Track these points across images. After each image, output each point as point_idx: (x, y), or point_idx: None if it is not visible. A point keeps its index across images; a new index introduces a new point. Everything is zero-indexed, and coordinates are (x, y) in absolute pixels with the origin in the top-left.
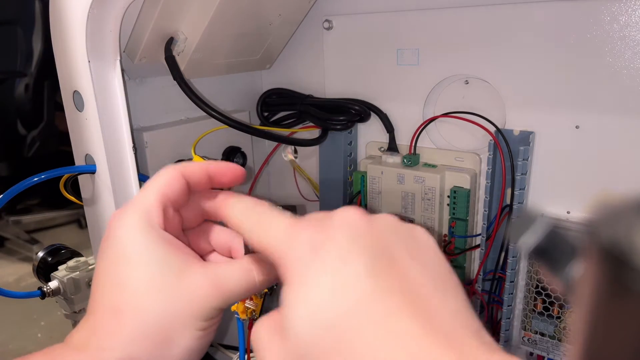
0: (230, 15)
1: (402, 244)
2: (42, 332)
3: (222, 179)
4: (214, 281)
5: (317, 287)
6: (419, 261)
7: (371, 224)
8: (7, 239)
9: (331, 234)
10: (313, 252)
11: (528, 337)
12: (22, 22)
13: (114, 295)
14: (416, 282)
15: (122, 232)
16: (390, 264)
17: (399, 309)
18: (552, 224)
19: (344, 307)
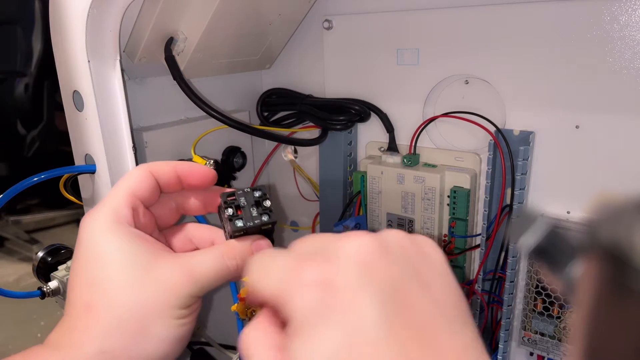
0: (230, 15)
1: (413, 270)
2: (42, 332)
3: (191, 180)
4: (185, 269)
5: (327, 339)
6: (430, 289)
7: (381, 252)
8: (6, 238)
9: (338, 273)
10: (320, 299)
11: (528, 337)
12: (22, 21)
13: (86, 293)
14: (426, 316)
15: (91, 232)
16: (402, 302)
17: (409, 353)
18: (552, 224)
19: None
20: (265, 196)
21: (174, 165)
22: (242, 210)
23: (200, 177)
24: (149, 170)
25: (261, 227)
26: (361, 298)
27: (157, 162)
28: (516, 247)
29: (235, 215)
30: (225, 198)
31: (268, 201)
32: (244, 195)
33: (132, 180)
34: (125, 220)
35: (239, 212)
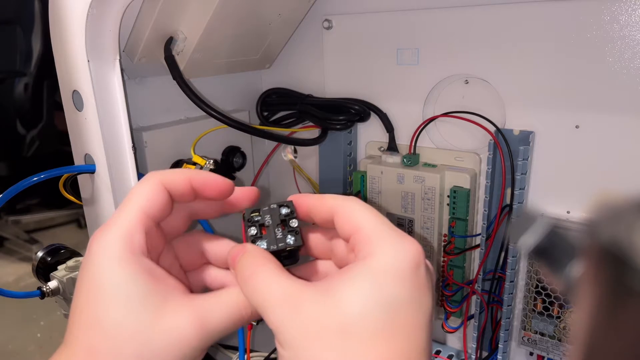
0: (229, 15)
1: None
2: (42, 332)
3: (208, 193)
4: (197, 319)
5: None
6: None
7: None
8: (6, 238)
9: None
10: (415, 270)
11: (528, 336)
12: (21, 21)
13: (90, 333)
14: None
15: (100, 260)
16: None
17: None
18: (552, 224)
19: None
20: (292, 214)
21: (188, 177)
22: (266, 230)
23: (217, 190)
24: (162, 183)
25: (286, 249)
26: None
27: (170, 172)
28: (516, 247)
29: (258, 235)
30: (249, 215)
31: (295, 220)
32: (270, 213)
33: (145, 198)
34: (139, 249)
35: (263, 231)
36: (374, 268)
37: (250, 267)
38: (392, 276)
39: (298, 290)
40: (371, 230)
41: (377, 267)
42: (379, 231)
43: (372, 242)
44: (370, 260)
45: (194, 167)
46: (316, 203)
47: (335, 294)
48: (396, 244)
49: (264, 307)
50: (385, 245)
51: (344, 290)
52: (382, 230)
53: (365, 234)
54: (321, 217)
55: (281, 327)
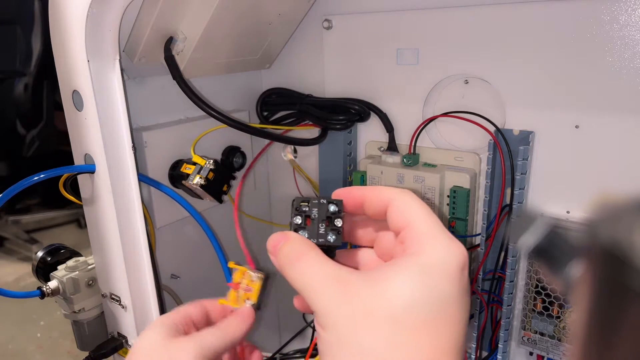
0: (229, 15)
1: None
2: (42, 332)
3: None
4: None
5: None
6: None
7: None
8: (6, 238)
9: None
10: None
11: (528, 336)
12: (21, 21)
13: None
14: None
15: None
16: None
17: None
18: (552, 224)
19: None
20: (339, 214)
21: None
22: (310, 222)
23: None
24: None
25: (324, 245)
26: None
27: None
28: (516, 246)
29: (302, 225)
30: (298, 204)
31: (340, 220)
32: (318, 207)
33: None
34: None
35: (308, 222)
36: (425, 264)
37: (296, 252)
38: (441, 273)
39: (347, 275)
40: (423, 228)
41: (428, 263)
42: (431, 229)
43: (424, 239)
44: (421, 256)
45: (194, 167)
46: (372, 194)
47: (386, 283)
48: (446, 245)
49: (311, 289)
50: (436, 244)
51: (395, 280)
52: (433, 228)
53: (418, 230)
54: (374, 209)
55: (328, 309)
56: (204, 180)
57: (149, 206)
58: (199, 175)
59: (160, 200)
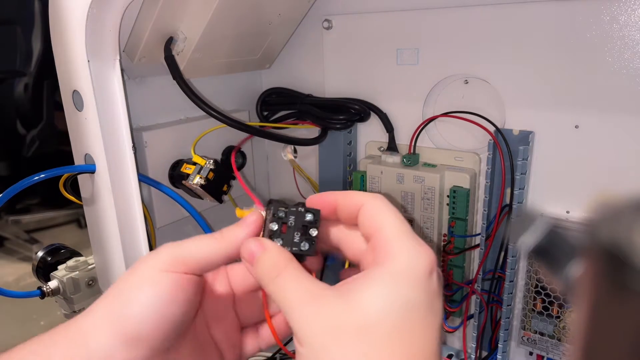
0: (229, 15)
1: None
2: (42, 332)
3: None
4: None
5: (420, 302)
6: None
7: (398, 306)
8: (6, 238)
9: (355, 321)
10: (429, 276)
11: (527, 336)
12: (21, 21)
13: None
14: None
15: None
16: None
17: None
18: (552, 224)
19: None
20: (315, 224)
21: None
22: (287, 229)
23: None
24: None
25: (297, 254)
26: (439, 296)
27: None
28: (516, 246)
29: (277, 232)
30: (276, 209)
31: (315, 230)
32: (295, 214)
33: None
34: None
35: (284, 228)
36: (392, 272)
37: (276, 267)
38: (408, 280)
39: (321, 291)
40: (391, 234)
41: (394, 271)
42: (399, 235)
43: (391, 245)
44: (388, 264)
45: (194, 167)
46: (343, 199)
47: (355, 296)
48: (413, 250)
49: (288, 307)
50: (403, 250)
51: (363, 292)
52: (401, 234)
53: (386, 237)
54: (346, 214)
55: (303, 326)
56: (204, 180)
57: (149, 206)
58: (199, 175)
59: (160, 200)
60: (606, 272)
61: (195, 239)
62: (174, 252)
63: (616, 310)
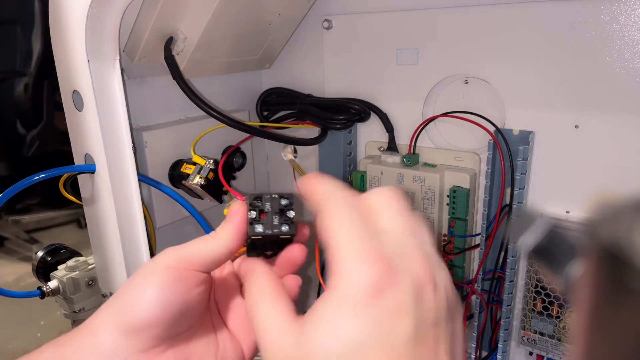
0: (229, 15)
1: (449, 316)
2: (42, 332)
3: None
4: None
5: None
6: (453, 341)
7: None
8: (6, 238)
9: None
10: (372, 294)
11: (527, 336)
12: (21, 21)
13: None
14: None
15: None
16: (429, 345)
17: None
18: (552, 224)
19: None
20: (291, 206)
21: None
22: (265, 215)
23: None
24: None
25: (279, 236)
26: (404, 320)
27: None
28: (516, 246)
29: (257, 219)
30: (252, 200)
31: (292, 212)
32: (270, 201)
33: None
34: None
35: (262, 216)
36: (334, 304)
37: (255, 296)
38: (349, 313)
39: (286, 326)
40: (337, 249)
41: (336, 302)
42: (344, 250)
43: (336, 264)
44: (331, 291)
45: (194, 167)
46: (310, 191)
47: (304, 336)
48: (354, 268)
49: (259, 338)
50: (345, 270)
51: (309, 334)
52: (346, 248)
53: (333, 251)
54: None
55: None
56: (204, 180)
57: (149, 206)
58: (199, 175)
59: (160, 200)
60: (606, 272)
61: (195, 240)
62: (176, 253)
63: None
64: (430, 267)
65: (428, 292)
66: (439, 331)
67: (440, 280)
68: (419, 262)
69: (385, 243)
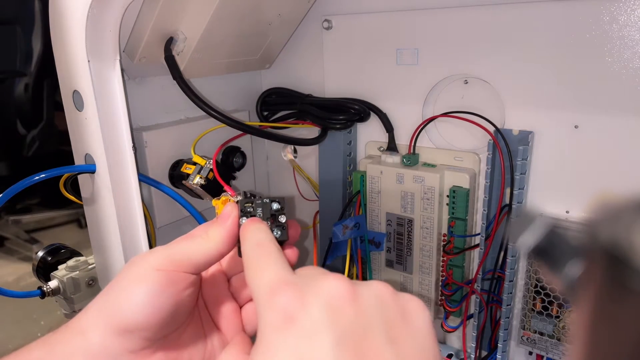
0: (229, 15)
1: (383, 324)
2: (42, 332)
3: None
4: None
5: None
6: (397, 346)
7: (355, 298)
8: (6, 238)
9: (308, 303)
10: (285, 321)
11: (527, 336)
12: (21, 21)
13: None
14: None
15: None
16: (360, 346)
17: None
18: (551, 224)
19: None
20: (282, 210)
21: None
22: None
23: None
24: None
25: None
26: (319, 336)
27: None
28: (515, 246)
29: None
30: (243, 205)
31: (283, 217)
32: (262, 206)
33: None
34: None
35: None
36: (257, 345)
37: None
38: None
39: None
40: (252, 292)
41: (259, 343)
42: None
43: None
44: (258, 333)
45: (194, 167)
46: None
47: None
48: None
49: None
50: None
51: None
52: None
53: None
54: None
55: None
56: (204, 180)
57: (149, 206)
58: (199, 175)
59: (161, 200)
60: (606, 272)
61: (184, 240)
62: (165, 253)
63: (616, 310)
64: (344, 281)
65: (346, 304)
66: (374, 338)
67: (367, 289)
68: (331, 279)
69: (295, 272)
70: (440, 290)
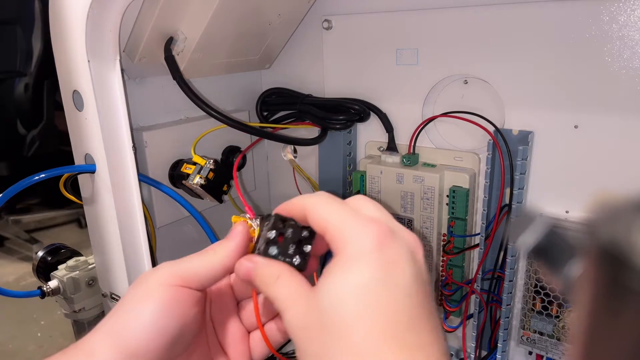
0: (229, 15)
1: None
2: (42, 332)
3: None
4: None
5: (365, 273)
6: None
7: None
8: (7, 238)
9: (396, 240)
10: (379, 246)
11: (527, 336)
12: (21, 21)
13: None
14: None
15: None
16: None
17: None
18: (551, 224)
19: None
20: (310, 241)
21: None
22: (282, 239)
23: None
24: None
25: (290, 265)
26: (402, 266)
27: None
28: (515, 246)
29: (274, 241)
30: (277, 219)
31: (309, 246)
32: (293, 228)
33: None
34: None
35: (280, 238)
36: (342, 261)
37: (273, 275)
38: (357, 262)
39: (307, 292)
40: (336, 225)
41: (344, 259)
42: (343, 223)
43: (339, 236)
44: (339, 255)
45: (194, 167)
46: (291, 207)
47: (316, 295)
48: (357, 232)
49: (283, 309)
50: (349, 236)
51: (321, 289)
52: (345, 221)
53: (332, 229)
54: (302, 220)
55: (288, 326)
56: (204, 180)
57: (149, 206)
58: (199, 175)
59: (161, 200)
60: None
61: (191, 256)
62: (172, 268)
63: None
64: (416, 237)
65: (420, 255)
66: (429, 291)
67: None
68: (407, 231)
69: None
70: (440, 290)
